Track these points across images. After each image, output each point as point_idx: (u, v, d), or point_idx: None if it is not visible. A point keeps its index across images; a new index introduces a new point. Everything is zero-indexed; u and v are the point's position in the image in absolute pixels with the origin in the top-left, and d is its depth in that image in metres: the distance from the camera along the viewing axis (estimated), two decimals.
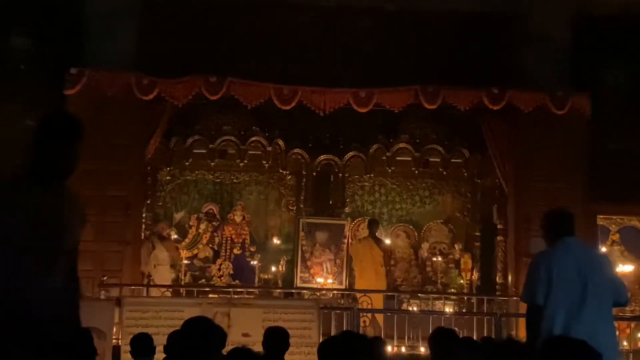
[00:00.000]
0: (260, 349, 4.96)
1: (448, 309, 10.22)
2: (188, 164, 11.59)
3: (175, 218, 11.70)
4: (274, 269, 11.43)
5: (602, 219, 10.53)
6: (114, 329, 7.75)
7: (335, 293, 10.71)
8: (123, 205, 9.46)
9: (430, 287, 11.32)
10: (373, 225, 10.94)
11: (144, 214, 10.58)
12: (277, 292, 10.77)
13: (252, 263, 11.23)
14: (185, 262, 10.97)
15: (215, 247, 11.57)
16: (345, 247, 11.50)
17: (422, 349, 8.62)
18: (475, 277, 11.44)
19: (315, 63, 10.11)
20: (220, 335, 3.52)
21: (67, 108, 8.67)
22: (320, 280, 11.22)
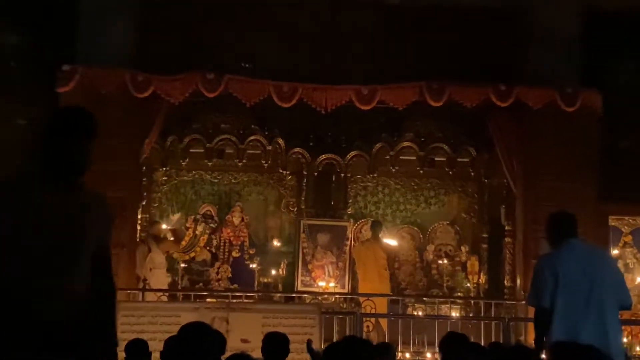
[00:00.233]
0: (260, 356, 4.92)
1: (454, 314, 10.04)
2: (185, 164, 11.34)
3: (172, 220, 11.52)
4: (274, 272, 11.22)
5: (614, 220, 10.36)
6: None
7: (338, 297, 10.59)
8: (118, 207, 9.23)
9: (436, 290, 11.16)
10: (376, 227, 10.83)
11: (139, 216, 10.39)
12: (277, 296, 10.61)
13: (251, 266, 11.08)
14: (182, 265, 10.84)
15: (213, 249, 11.41)
16: (348, 249, 11.32)
17: (427, 355, 8.54)
18: (483, 280, 11.25)
19: (317, 59, 9.99)
20: (219, 341, 3.58)
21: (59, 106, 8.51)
22: (322, 284, 11.05)
